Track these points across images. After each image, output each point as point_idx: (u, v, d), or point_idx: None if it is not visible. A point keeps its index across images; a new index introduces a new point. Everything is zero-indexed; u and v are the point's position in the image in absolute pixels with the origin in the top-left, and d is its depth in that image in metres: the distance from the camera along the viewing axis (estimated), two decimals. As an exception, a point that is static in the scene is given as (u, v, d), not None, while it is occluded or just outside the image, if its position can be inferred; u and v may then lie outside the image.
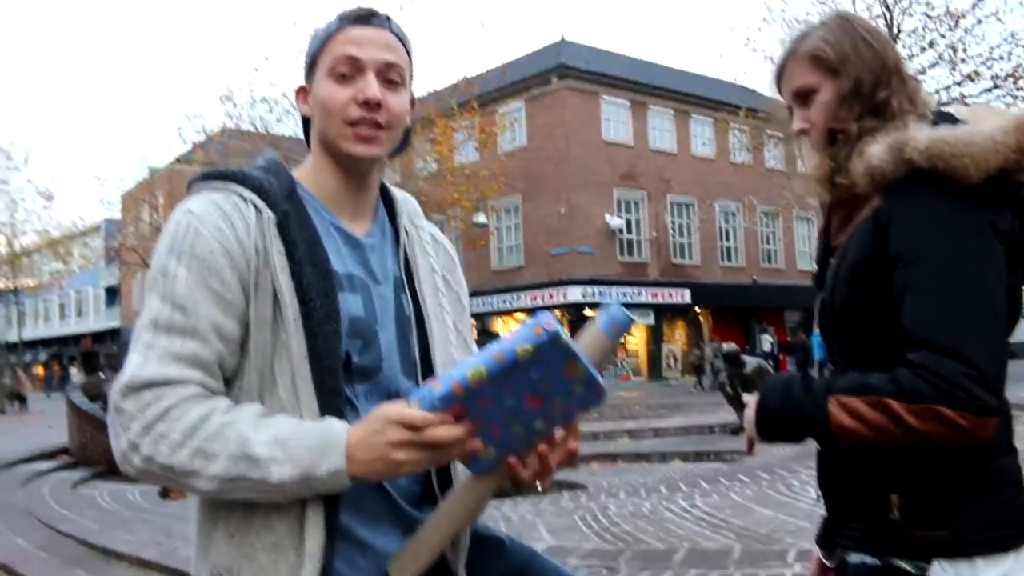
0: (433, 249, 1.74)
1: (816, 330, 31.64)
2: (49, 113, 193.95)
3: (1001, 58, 21.94)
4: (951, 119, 1.47)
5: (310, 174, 1.60)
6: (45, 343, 70.40)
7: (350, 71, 1.51)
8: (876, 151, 1.42)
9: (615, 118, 35.26)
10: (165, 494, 10.13)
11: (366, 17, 1.55)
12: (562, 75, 33.72)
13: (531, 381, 1.35)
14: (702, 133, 37.22)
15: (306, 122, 1.62)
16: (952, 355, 1.30)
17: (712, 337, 31.24)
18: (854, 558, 1.49)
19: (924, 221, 1.38)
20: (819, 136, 1.55)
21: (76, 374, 46.65)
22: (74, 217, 53.55)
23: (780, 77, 1.63)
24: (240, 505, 1.41)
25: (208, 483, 1.33)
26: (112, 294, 61.28)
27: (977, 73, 22.80)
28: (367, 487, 1.45)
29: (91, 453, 12.64)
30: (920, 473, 1.40)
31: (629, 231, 34.83)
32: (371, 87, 1.50)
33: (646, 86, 36.04)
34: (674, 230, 36.32)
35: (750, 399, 1.55)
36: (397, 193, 1.74)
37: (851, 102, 1.51)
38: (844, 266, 1.48)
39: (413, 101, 1.63)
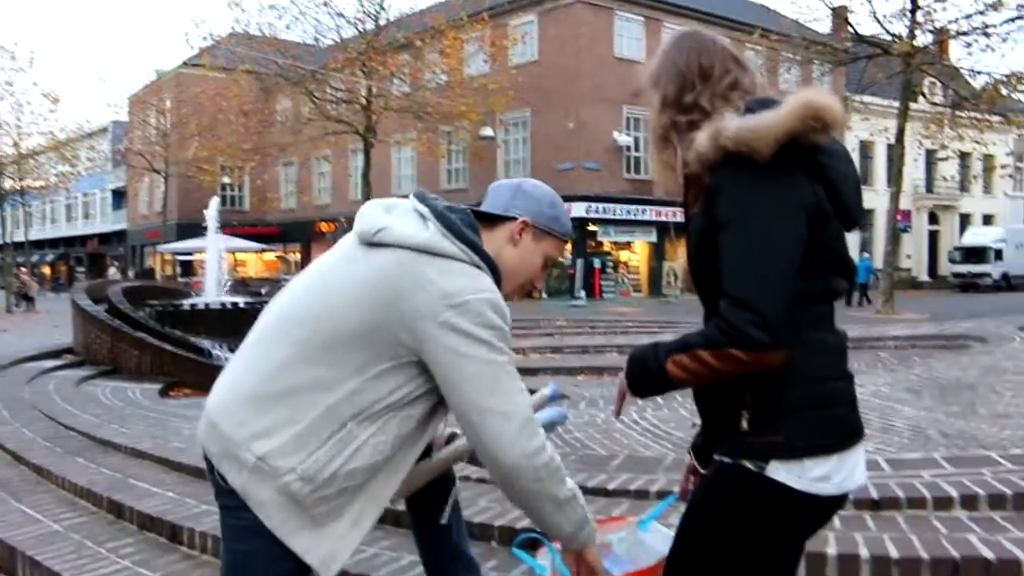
0: None
1: (865, 255, 31.75)
2: (54, 15, 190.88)
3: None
4: (771, 104, 1.71)
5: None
6: (52, 243, 70.84)
7: (549, 264, 2.25)
8: (700, 139, 1.72)
9: (628, 34, 34.80)
10: (165, 392, 10.41)
11: None
12: (575, -12, 33.08)
13: None
14: (715, 52, 36.52)
15: (494, 218, 2.16)
16: (741, 304, 1.61)
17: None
18: (716, 459, 1.82)
19: (732, 194, 1.68)
20: (654, 135, 1.91)
21: (114, 273, 44.41)
22: (81, 120, 52.90)
23: None
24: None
25: (561, 502, 1.99)
26: (119, 197, 61.27)
27: (1001, 2, 22.27)
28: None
29: (95, 353, 12.84)
30: (762, 396, 1.73)
31: (637, 149, 34.69)
32: (542, 280, 2.31)
33: (662, 2, 35.36)
34: (682, 150, 36.02)
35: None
36: None
37: (668, 108, 1.86)
38: (695, 234, 1.80)
39: None
